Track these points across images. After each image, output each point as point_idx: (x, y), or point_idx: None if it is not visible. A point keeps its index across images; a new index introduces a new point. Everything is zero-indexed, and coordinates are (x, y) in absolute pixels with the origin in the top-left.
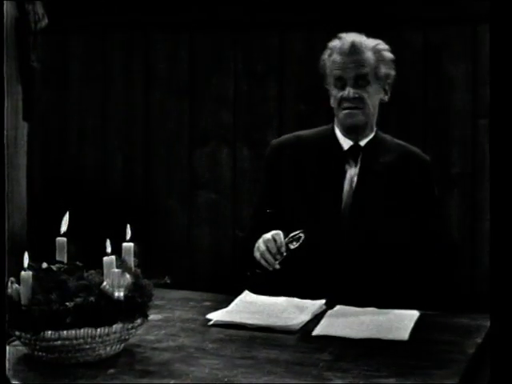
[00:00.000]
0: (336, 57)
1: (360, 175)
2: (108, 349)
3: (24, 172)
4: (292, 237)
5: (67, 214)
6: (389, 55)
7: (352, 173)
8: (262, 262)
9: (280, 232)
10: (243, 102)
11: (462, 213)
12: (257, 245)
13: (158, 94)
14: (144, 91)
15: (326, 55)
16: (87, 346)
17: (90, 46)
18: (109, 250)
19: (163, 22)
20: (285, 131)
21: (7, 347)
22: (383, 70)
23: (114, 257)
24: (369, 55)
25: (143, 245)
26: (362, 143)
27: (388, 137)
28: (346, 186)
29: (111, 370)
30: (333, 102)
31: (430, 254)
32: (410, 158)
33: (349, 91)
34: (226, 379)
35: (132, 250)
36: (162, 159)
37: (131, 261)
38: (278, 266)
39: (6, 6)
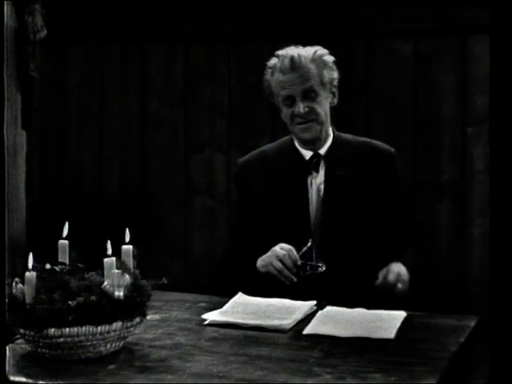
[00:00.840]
0: (279, 76)
1: (326, 183)
2: (108, 346)
3: (23, 179)
4: (304, 252)
5: (66, 224)
6: (329, 59)
7: (317, 181)
8: (282, 279)
9: (292, 248)
10: (237, 110)
11: (451, 218)
12: (267, 261)
13: (154, 104)
14: (140, 101)
15: (268, 75)
16: (88, 343)
17: (88, 56)
18: (109, 251)
19: (158, 34)
20: (278, 139)
21: (11, 345)
22: (327, 75)
23: (114, 258)
24: (310, 66)
25: (140, 250)
26: (322, 151)
27: (349, 136)
28: (314, 195)
29: (111, 366)
30: (284, 118)
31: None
32: (374, 153)
33: (299, 107)
34: (220, 374)
35: (131, 252)
36: (159, 167)
37: (130, 262)
38: (295, 280)
39: (6, 17)
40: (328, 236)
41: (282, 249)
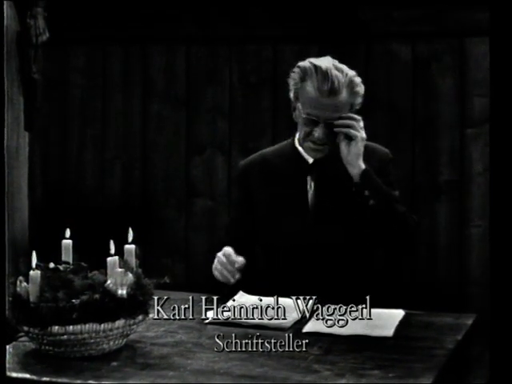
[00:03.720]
0: (312, 92)
1: (321, 185)
2: (111, 343)
3: (25, 180)
4: None
5: (68, 230)
6: (361, 89)
7: (315, 184)
8: (221, 278)
9: (230, 250)
10: (238, 112)
11: (449, 219)
12: (214, 265)
13: (155, 105)
14: (142, 102)
15: (297, 75)
16: (92, 341)
17: (90, 58)
18: (112, 250)
19: (160, 35)
20: (278, 140)
21: (15, 343)
22: (353, 102)
23: (117, 257)
24: (344, 95)
25: (141, 250)
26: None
27: None
28: (312, 197)
29: (114, 363)
30: (299, 130)
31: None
32: (368, 152)
33: (319, 133)
34: (221, 371)
35: (134, 251)
36: (160, 168)
37: (133, 261)
38: (233, 281)
39: (6, 19)
40: (323, 234)
41: (222, 254)
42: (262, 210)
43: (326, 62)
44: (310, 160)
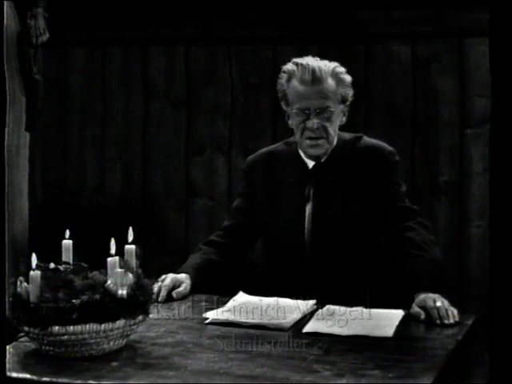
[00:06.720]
0: (297, 86)
1: (320, 188)
2: (111, 343)
3: (26, 180)
4: None
5: (67, 231)
6: (347, 77)
7: (314, 187)
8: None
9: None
10: (238, 112)
11: (449, 219)
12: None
13: (155, 105)
14: (142, 102)
15: (283, 80)
16: (92, 341)
17: (90, 58)
18: (113, 250)
19: (160, 35)
20: (278, 140)
21: (15, 343)
22: (342, 93)
23: (117, 257)
24: (329, 82)
25: (141, 250)
26: (323, 159)
27: (347, 136)
28: (310, 204)
29: (114, 363)
30: (294, 128)
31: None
32: (369, 151)
33: (313, 122)
34: (221, 371)
35: (134, 251)
36: (160, 168)
37: (133, 261)
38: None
39: (8, 20)
40: (319, 244)
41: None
42: (263, 207)
43: (307, 58)
44: (311, 165)
